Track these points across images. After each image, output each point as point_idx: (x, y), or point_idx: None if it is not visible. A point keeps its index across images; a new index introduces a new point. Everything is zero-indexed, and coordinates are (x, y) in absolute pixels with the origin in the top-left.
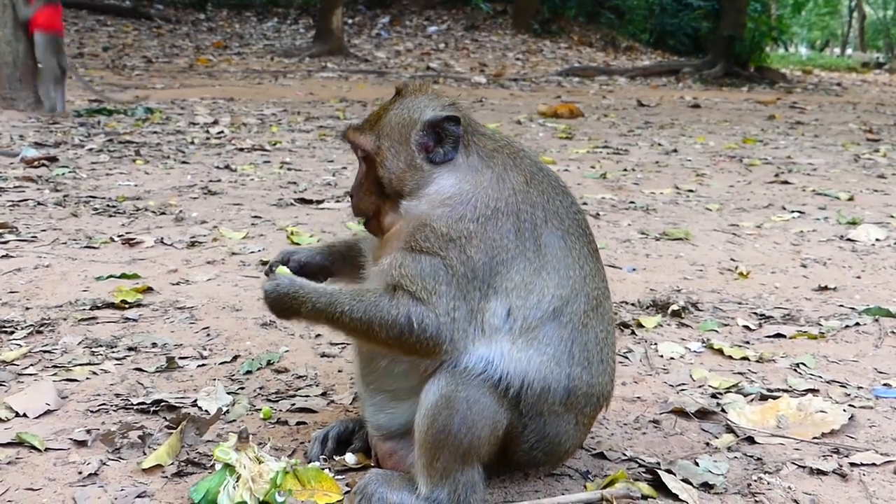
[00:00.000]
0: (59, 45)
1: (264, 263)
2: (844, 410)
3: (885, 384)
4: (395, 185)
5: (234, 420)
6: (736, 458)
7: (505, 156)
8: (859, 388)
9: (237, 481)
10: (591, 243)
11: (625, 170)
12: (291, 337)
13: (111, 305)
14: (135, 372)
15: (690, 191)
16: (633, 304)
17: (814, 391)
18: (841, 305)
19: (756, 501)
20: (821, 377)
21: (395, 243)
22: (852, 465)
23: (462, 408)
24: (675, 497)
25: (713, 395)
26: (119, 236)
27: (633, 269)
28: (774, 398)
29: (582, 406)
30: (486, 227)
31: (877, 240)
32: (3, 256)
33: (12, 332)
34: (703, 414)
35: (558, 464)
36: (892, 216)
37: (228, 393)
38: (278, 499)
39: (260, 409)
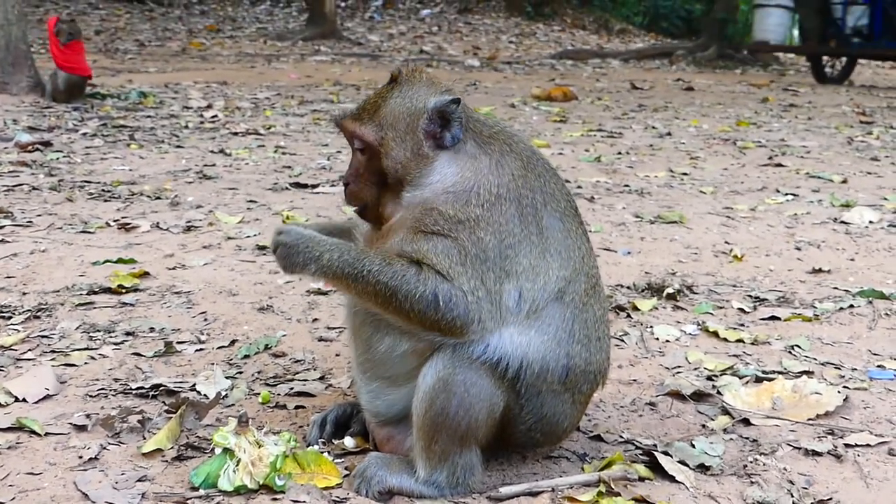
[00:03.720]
0: (83, 85)
1: (261, 248)
2: (839, 392)
3: (879, 366)
4: (399, 175)
5: (232, 404)
6: (732, 439)
7: (501, 142)
8: (853, 369)
9: (237, 465)
10: (582, 224)
11: (619, 153)
12: (289, 321)
13: (108, 290)
14: (133, 357)
15: (684, 174)
16: (628, 288)
17: (808, 373)
18: (835, 288)
19: (752, 482)
20: (815, 359)
21: (400, 231)
22: (847, 446)
23: (460, 390)
24: (671, 478)
25: (709, 378)
26: (115, 221)
27: (628, 253)
28: (769, 380)
29: (580, 384)
30: (491, 212)
31: (870, 222)
32: None
33: (10, 318)
34: (698, 396)
35: (557, 443)
36: (885, 198)
37: (227, 377)
38: (278, 482)
39: (258, 394)
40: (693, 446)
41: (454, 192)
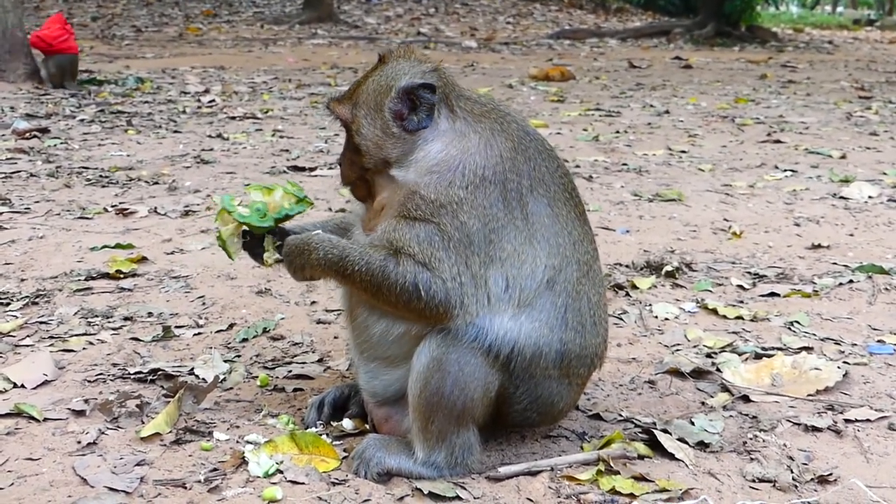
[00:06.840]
0: (75, 64)
1: None
2: (839, 367)
3: (878, 341)
4: (372, 153)
5: (231, 388)
6: (731, 416)
7: (492, 120)
8: (853, 344)
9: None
10: (578, 206)
11: (617, 132)
12: (287, 304)
13: (106, 276)
14: (131, 341)
15: (683, 152)
16: (627, 266)
17: (808, 349)
18: (834, 263)
19: (752, 459)
20: (815, 335)
21: (388, 211)
22: (847, 421)
23: (454, 370)
24: (671, 456)
25: (708, 355)
26: (112, 206)
27: (627, 231)
28: (769, 356)
29: (576, 368)
30: (475, 194)
31: (869, 197)
32: None
33: (8, 304)
34: (698, 373)
35: (553, 423)
36: (884, 173)
37: (225, 361)
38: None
39: (257, 377)
40: (692, 424)
41: (438, 172)
